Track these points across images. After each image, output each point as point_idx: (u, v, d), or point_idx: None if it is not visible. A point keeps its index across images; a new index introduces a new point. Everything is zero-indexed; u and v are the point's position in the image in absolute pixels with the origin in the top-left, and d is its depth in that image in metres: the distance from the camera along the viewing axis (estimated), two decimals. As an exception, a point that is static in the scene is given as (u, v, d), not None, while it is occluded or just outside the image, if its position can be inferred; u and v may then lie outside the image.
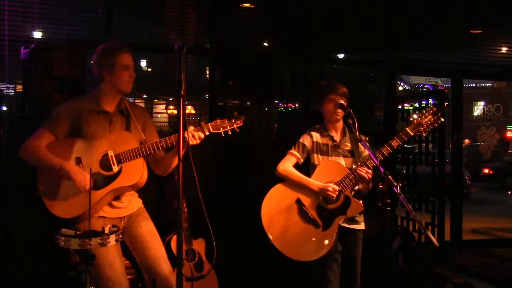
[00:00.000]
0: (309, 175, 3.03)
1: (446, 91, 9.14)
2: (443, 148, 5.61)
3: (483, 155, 17.10)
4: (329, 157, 3.04)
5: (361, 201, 2.99)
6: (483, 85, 30.49)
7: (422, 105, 5.85)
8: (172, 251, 3.27)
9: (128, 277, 3.40)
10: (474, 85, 29.85)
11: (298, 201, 2.97)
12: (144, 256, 2.66)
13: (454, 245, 6.21)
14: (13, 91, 5.43)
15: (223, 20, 5.80)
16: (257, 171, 3.58)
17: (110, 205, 2.64)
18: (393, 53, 6.28)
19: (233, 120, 2.61)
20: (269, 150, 3.42)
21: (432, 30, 6.58)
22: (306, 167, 3.08)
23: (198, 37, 6.20)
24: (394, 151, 2.95)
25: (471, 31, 6.95)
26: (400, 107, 6.15)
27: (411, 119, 2.92)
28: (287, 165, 3.03)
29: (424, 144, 5.72)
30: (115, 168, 2.53)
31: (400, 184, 2.65)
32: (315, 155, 3.07)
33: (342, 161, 3.04)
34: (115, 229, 2.34)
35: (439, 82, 28.50)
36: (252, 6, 6.22)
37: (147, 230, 2.70)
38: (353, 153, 3.02)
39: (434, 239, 2.45)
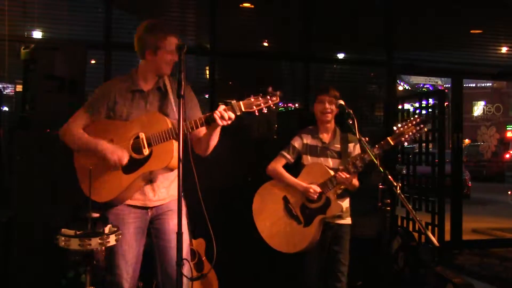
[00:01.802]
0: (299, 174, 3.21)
1: (446, 91, 9.14)
2: (443, 148, 5.61)
3: (483, 155, 17.10)
4: (318, 158, 3.19)
5: (342, 202, 3.14)
6: (483, 85, 30.48)
7: (422, 105, 5.86)
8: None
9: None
10: (474, 85, 29.83)
11: (285, 198, 3.19)
12: (163, 254, 2.62)
13: (454, 245, 6.21)
14: (13, 91, 5.43)
15: (223, 20, 5.80)
16: (257, 171, 3.58)
17: (142, 191, 2.57)
18: (393, 53, 6.29)
19: (268, 97, 2.38)
20: (269, 150, 3.42)
21: (432, 30, 6.58)
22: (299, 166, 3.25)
23: (198, 37, 6.20)
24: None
25: (471, 31, 6.95)
26: (400, 107, 6.16)
27: (394, 128, 2.93)
28: (276, 165, 3.24)
29: (424, 144, 5.72)
30: (146, 151, 2.46)
31: (400, 184, 2.66)
32: (304, 156, 3.23)
33: (330, 162, 3.18)
34: (115, 229, 2.35)
35: (439, 82, 28.48)
36: (252, 6, 6.22)
37: (174, 227, 2.56)
38: (341, 154, 3.17)
39: (434, 239, 2.45)
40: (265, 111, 2.39)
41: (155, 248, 2.68)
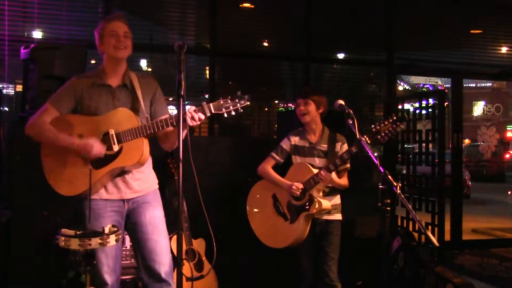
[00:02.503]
0: None
1: (446, 91, 9.14)
2: (443, 148, 5.60)
3: (483, 155, 17.11)
4: (305, 157, 3.30)
5: (331, 199, 3.24)
6: (483, 85, 30.47)
7: (422, 105, 5.85)
8: (172, 251, 3.27)
9: (128, 277, 3.42)
10: (474, 85, 29.83)
11: (274, 196, 3.33)
12: (142, 248, 2.62)
13: (454, 245, 6.21)
14: (13, 91, 5.43)
15: (223, 20, 5.80)
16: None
17: (115, 185, 2.59)
18: (393, 53, 6.29)
19: (236, 100, 2.46)
20: (269, 150, 3.43)
21: (432, 30, 6.58)
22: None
23: (198, 37, 6.20)
24: (354, 157, 3.11)
25: (471, 31, 6.95)
26: (400, 107, 6.15)
27: (372, 126, 2.98)
28: (266, 165, 3.39)
29: (424, 144, 5.71)
30: (116, 148, 2.49)
31: (400, 184, 2.67)
32: (293, 156, 3.36)
33: (316, 161, 3.28)
34: (115, 229, 2.35)
35: (439, 82, 28.46)
36: (252, 6, 6.22)
37: (150, 219, 2.63)
38: (327, 154, 3.26)
39: (434, 239, 2.46)
40: (234, 114, 2.46)
41: (133, 242, 2.68)
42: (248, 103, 2.48)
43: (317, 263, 3.27)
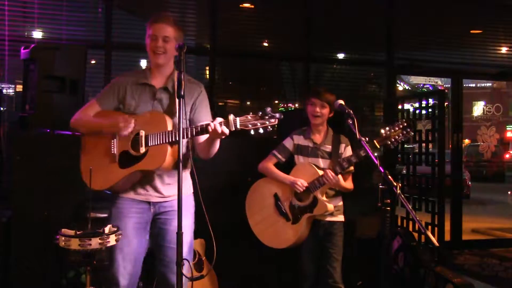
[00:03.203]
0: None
1: (446, 91, 9.14)
2: (443, 148, 5.60)
3: (483, 155, 17.10)
4: (309, 158, 3.26)
5: (333, 201, 3.21)
6: (483, 85, 30.45)
7: (422, 105, 5.85)
8: (172, 251, 3.28)
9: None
10: (474, 85, 29.81)
11: (275, 196, 3.29)
12: (161, 253, 2.62)
13: (454, 245, 6.21)
14: (13, 91, 5.43)
15: (223, 20, 5.80)
16: (257, 171, 3.59)
17: (143, 187, 2.59)
18: (393, 53, 6.29)
19: (266, 117, 2.29)
20: (269, 150, 3.43)
21: (432, 30, 6.58)
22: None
23: (198, 37, 6.20)
24: (361, 161, 3.06)
25: (471, 31, 6.95)
26: (400, 107, 6.15)
27: (382, 130, 2.98)
28: (267, 163, 3.35)
29: (424, 144, 5.71)
30: (142, 150, 2.49)
31: (400, 184, 2.67)
32: (296, 156, 3.32)
33: (320, 162, 3.24)
34: (115, 229, 2.35)
35: (439, 82, 28.44)
36: (252, 6, 6.22)
37: (175, 228, 2.62)
38: (331, 155, 3.23)
39: (434, 239, 2.45)
40: (261, 132, 2.29)
41: (154, 247, 2.68)
42: (277, 122, 2.32)
43: (320, 265, 3.26)
